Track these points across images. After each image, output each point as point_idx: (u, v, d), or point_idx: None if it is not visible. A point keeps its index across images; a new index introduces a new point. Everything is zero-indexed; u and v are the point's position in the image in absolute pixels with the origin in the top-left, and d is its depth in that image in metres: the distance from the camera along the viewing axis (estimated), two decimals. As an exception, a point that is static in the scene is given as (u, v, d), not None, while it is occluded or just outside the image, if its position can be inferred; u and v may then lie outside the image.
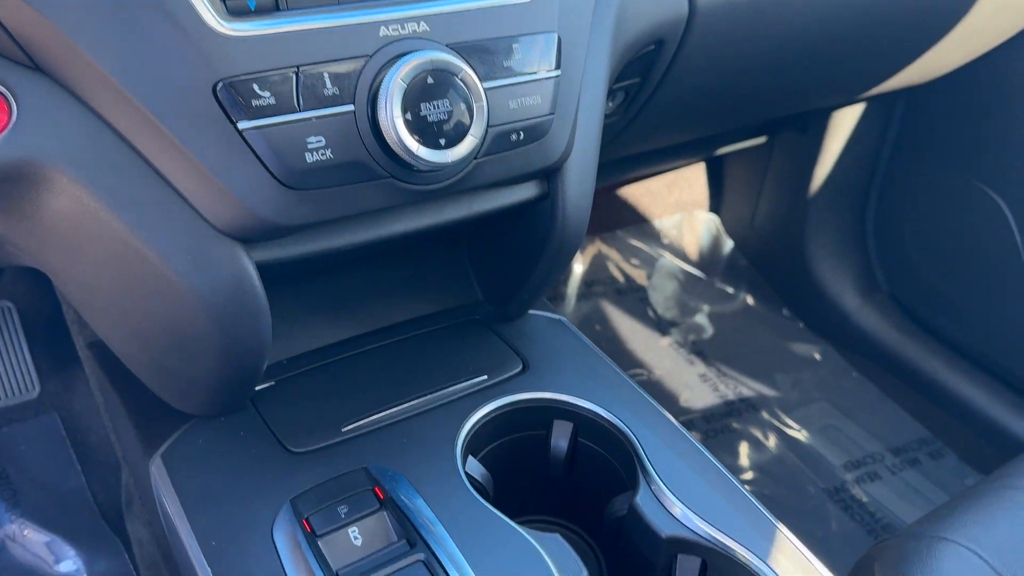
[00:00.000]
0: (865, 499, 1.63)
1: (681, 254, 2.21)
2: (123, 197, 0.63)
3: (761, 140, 1.92)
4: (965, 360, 1.74)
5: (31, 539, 1.34)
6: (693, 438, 0.86)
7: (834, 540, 1.57)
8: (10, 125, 0.60)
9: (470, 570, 0.67)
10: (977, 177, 1.62)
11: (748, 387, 1.88)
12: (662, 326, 2.04)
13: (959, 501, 0.94)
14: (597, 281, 2.12)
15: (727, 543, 0.73)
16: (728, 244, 2.20)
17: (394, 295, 1.00)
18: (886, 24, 1.21)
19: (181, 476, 0.76)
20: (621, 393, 0.89)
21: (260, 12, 0.62)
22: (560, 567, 0.69)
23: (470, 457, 0.83)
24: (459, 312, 1.01)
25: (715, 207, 2.23)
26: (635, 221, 2.23)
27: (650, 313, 2.07)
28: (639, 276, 2.16)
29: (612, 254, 2.18)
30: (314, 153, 0.63)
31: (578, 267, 2.13)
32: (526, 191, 0.81)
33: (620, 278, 2.14)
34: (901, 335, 1.84)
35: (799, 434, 1.77)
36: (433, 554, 0.68)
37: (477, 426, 0.84)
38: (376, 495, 0.73)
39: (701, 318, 2.08)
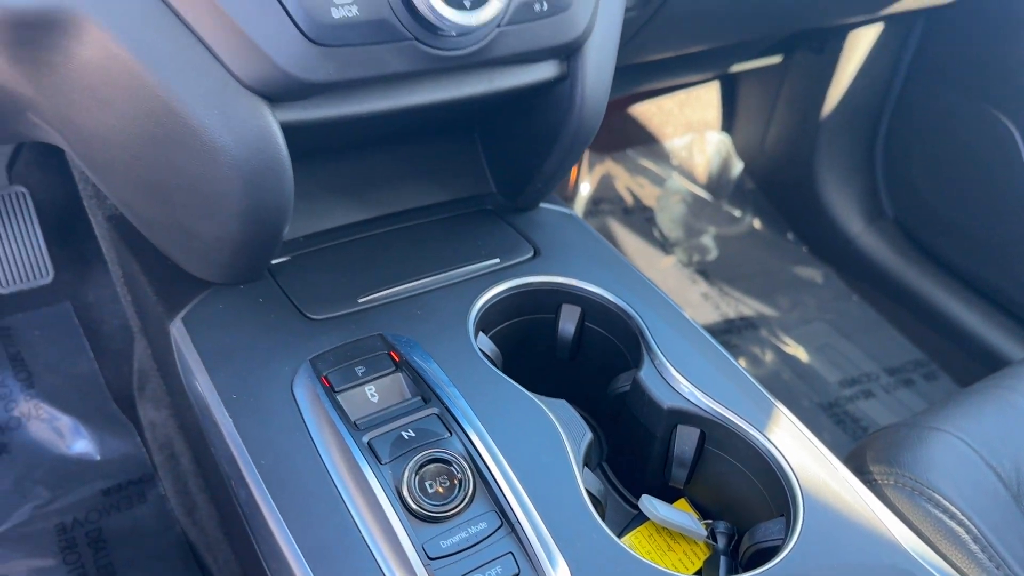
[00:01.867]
0: (858, 415, 1.67)
1: (690, 175, 2.21)
2: (152, 48, 0.64)
3: (776, 60, 1.90)
4: (964, 285, 1.76)
5: (46, 418, 1.38)
6: (697, 324, 0.88)
7: (826, 451, 1.61)
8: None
9: (481, 425, 0.70)
10: (990, 102, 1.61)
11: (749, 307, 1.91)
12: (667, 246, 2.05)
13: (952, 398, 0.97)
14: (605, 200, 2.12)
15: (726, 415, 0.76)
16: (738, 166, 2.20)
17: (409, 182, 1.01)
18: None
19: (201, 336, 0.79)
20: (628, 280, 0.92)
21: None
22: (566, 429, 0.73)
23: (481, 333, 0.85)
24: (472, 202, 1.03)
25: (727, 127, 2.23)
26: (646, 141, 2.22)
27: (656, 234, 2.08)
28: (647, 196, 2.16)
29: (621, 173, 2.18)
30: (341, 8, 0.63)
31: (586, 185, 2.13)
32: (546, 70, 0.82)
33: (628, 198, 2.14)
34: (903, 260, 1.86)
35: (796, 352, 1.81)
36: (447, 409, 0.71)
37: (488, 304, 0.87)
38: (392, 358, 0.76)
39: (706, 239, 2.09)
